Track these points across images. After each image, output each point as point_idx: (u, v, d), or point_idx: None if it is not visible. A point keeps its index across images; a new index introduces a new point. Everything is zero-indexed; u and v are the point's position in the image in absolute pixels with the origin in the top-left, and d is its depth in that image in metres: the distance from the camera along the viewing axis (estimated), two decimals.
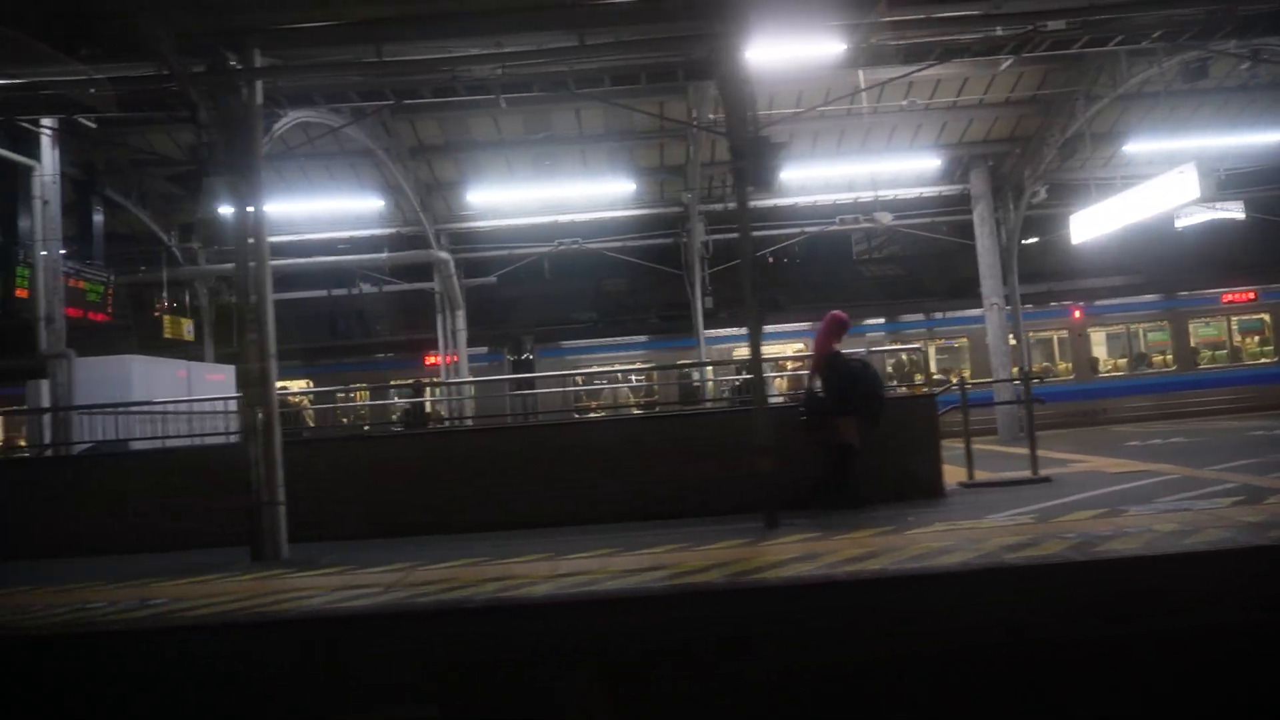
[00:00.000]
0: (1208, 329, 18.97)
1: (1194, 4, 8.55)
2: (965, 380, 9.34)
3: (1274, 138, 15.24)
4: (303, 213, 15.67)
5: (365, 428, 18.09)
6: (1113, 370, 19.15)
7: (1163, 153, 15.34)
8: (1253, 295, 18.75)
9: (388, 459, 9.26)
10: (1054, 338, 19.21)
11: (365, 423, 18.74)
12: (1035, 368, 18.04)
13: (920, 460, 8.69)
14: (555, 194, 15.35)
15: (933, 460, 8.73)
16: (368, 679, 4.43)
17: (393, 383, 17.45)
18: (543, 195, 15.44)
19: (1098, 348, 19.26)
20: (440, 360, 17.59)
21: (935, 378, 17.18)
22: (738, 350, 18.88)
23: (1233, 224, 17.29)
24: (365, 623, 5.35)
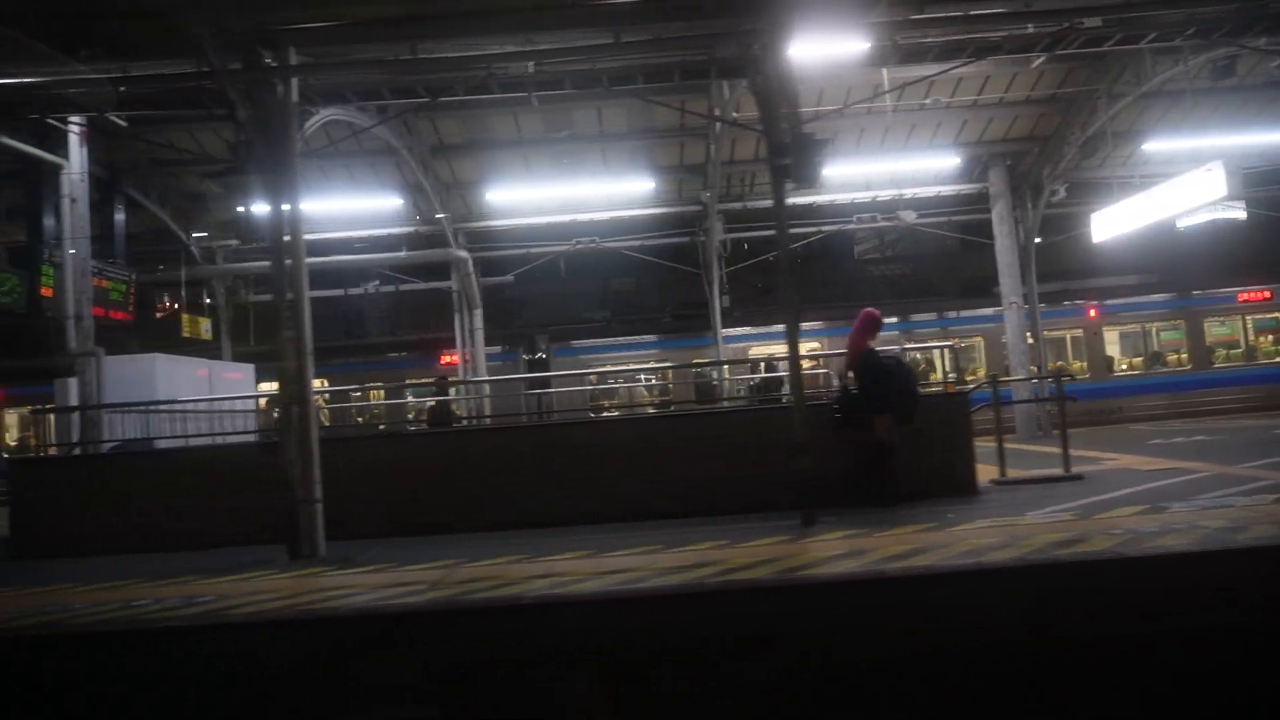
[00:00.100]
0: (1223, 328, 18.97)
1: (1226, 1, 8.54)
2: (996, 379, 9.30)
3: None
4: (321, 211, 15.66)
5: (380, 427, 18.07)
6: (1128, 369, 19.16)
7: (1181, 151, 15.35)
8: (1268, 294, 18.74)
9: (408, 458, 9.25)
10: (1067, 337, 19.19)
11: (380, 422, 18.71)
12: (1050, 366, 18.02)
13: (954, 457, 8.68)
14: (574, 193, 15.37)
15: (966, 458, 8.73)
16: (434, 673, 4.43)
17: (412, 381, 17.42)
18: (561, 194, 15.45)
19: (1113, 346, 19.26)
20: (458, 359, 17.58)
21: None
22: (753, 349, 18.89)
23: (1249, 223, 17.24)
24: (420, 619, 5.35)
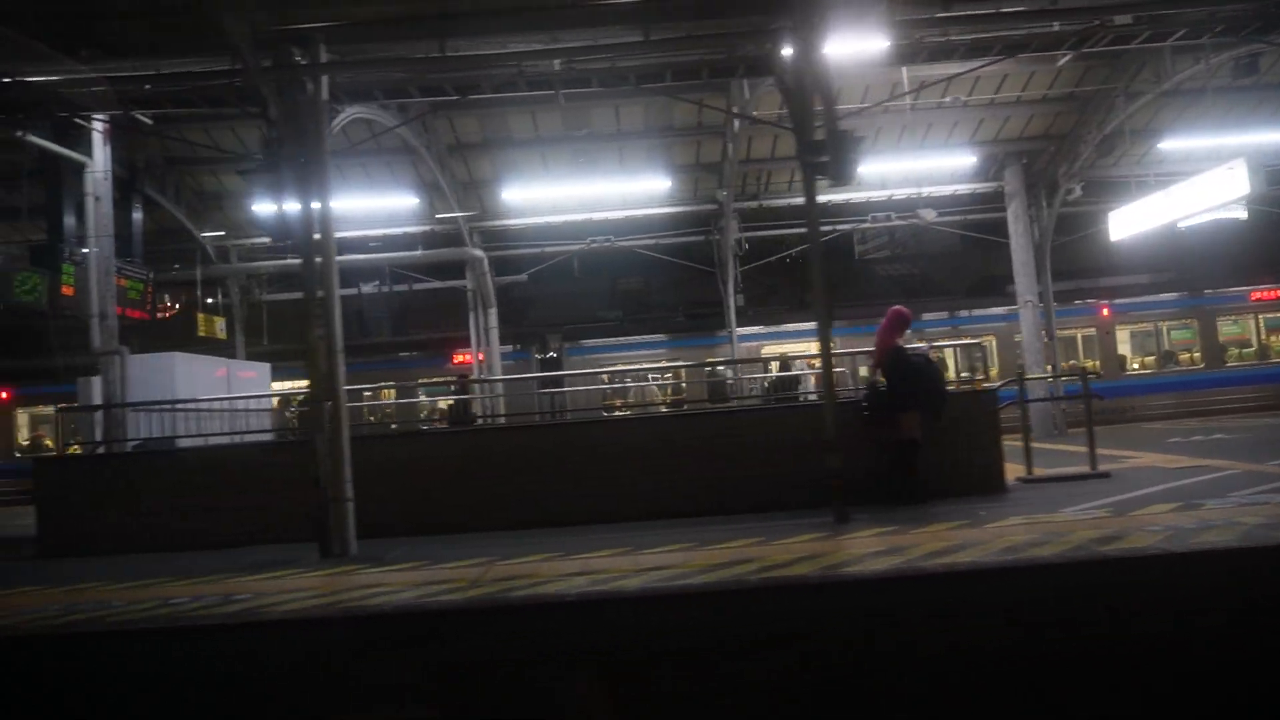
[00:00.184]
0: (1235, 327, 18.96)
1: None
2: (1023, 376, 9.30)
3: None
4: (337, 210, 15.65)
5: (393, 426, 18.05)
6: (1140, 368, 19.14)
7: (1196, 150, 15.34)
8: None
9: (427, 457, 9.24)
10: (1078, 336, 19.16)
11: (392, 421, 18.69)
12: (1064, 366, 18.00)
13: (981, 455, 8.68)
14: (590, 191, 15.34)
15: (994, 455, 8.72)
16: (484, 668, 4.42)
17: (432, 380, 17.41)
18: (578, 193, 15.43)
19: (1125, 345, 19.25)
20: (472, 359, 17.57)
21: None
22: (765, 348, 18.87)
23: (1262, 222, 17.26)
24: (463, 617, 5.34)
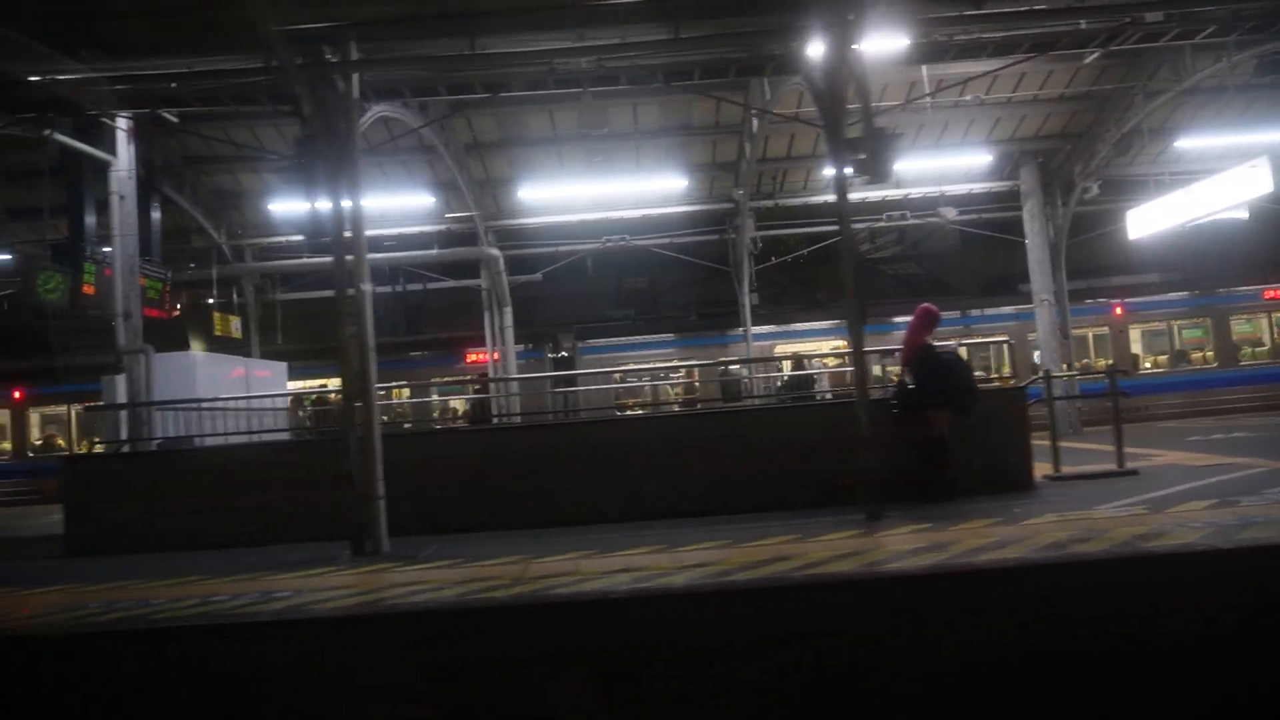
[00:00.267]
0: (1248, 326, 18.97)
1: None
2: (1050, 374, 9.29)
3: None
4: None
5: (406, 425, 18.03)
6: (1153, 367, 19.14)
7: (1212, 149, 15.36)
8: None
9: (443, 456, 9.17)
10: (1090, 335, 19.16)
11: (406, 421, 18.67)
12: (1078, 365, 18.01)
13: (1011, 453, 8.68)
14: (605, 190, 15.33)
15: (1023, 453, 8.72)
16: (543, 663, 4.41)
17: (448, 380, 17.40)
18: (593, 192, 15.42)
19: (1138, 344, 19.25)
20: (485, 358, 17.56)
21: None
22: (778, 346, 18.87)
23: (1276, 221, 17.24)
24: (514, 614, 5.33)
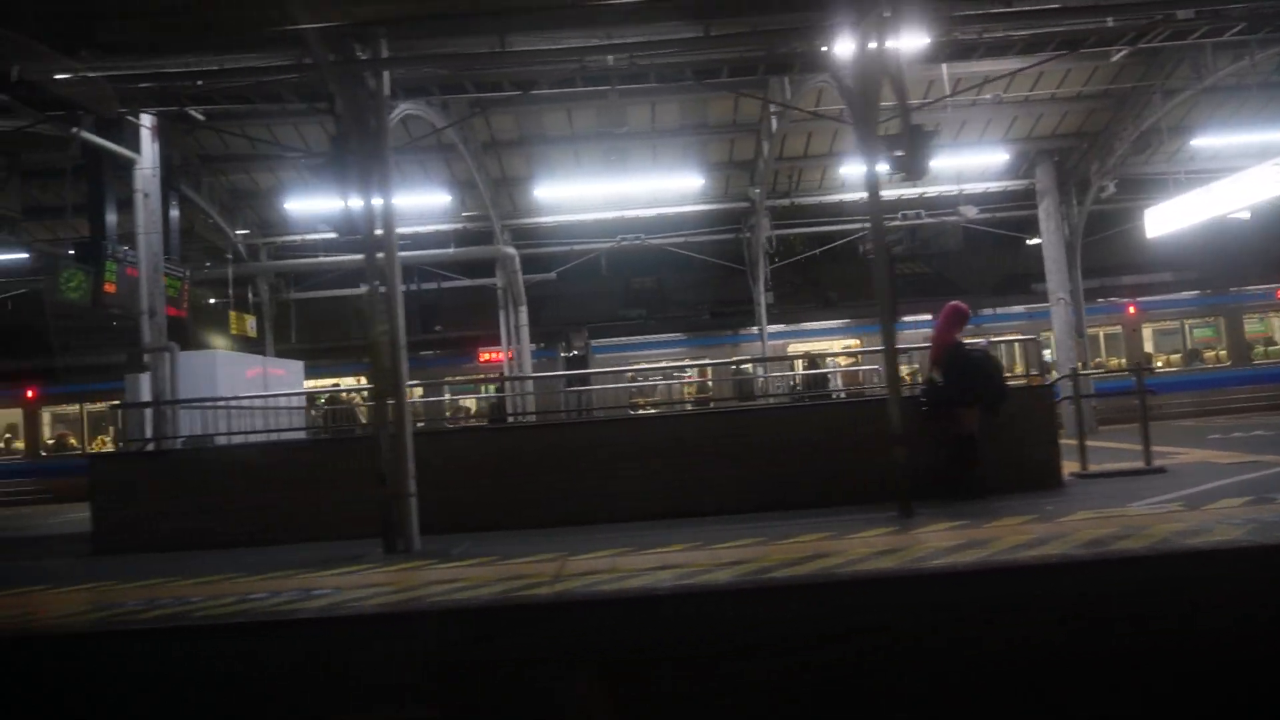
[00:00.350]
0: (1261, 325, 18.95)
1: None
2: (1078, 372, 9.28)
3: None
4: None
5: (420, 424, 18.00)
6: (1166, 365, 19.12)
7: (1227, 147, 15.34)
8: None
9: (459, 455, 9.15)
10: (1101, 334, 19.13)
11: (419, 419, 18.64)
12: (1092, 363, 17.99)
13: (1039, 450, 8.67)
14: (621, 189, 15.31)
15: (1051, 451, 8.72)
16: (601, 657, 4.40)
17: (471, 379, 17.39)
18: (609, 190, 15.40)
19: (1152, 343, 19.23)
20: (498, 357, 17.56)
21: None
22: (791, 345, 18.87)
23: None
24: (560, 610, 5.32)
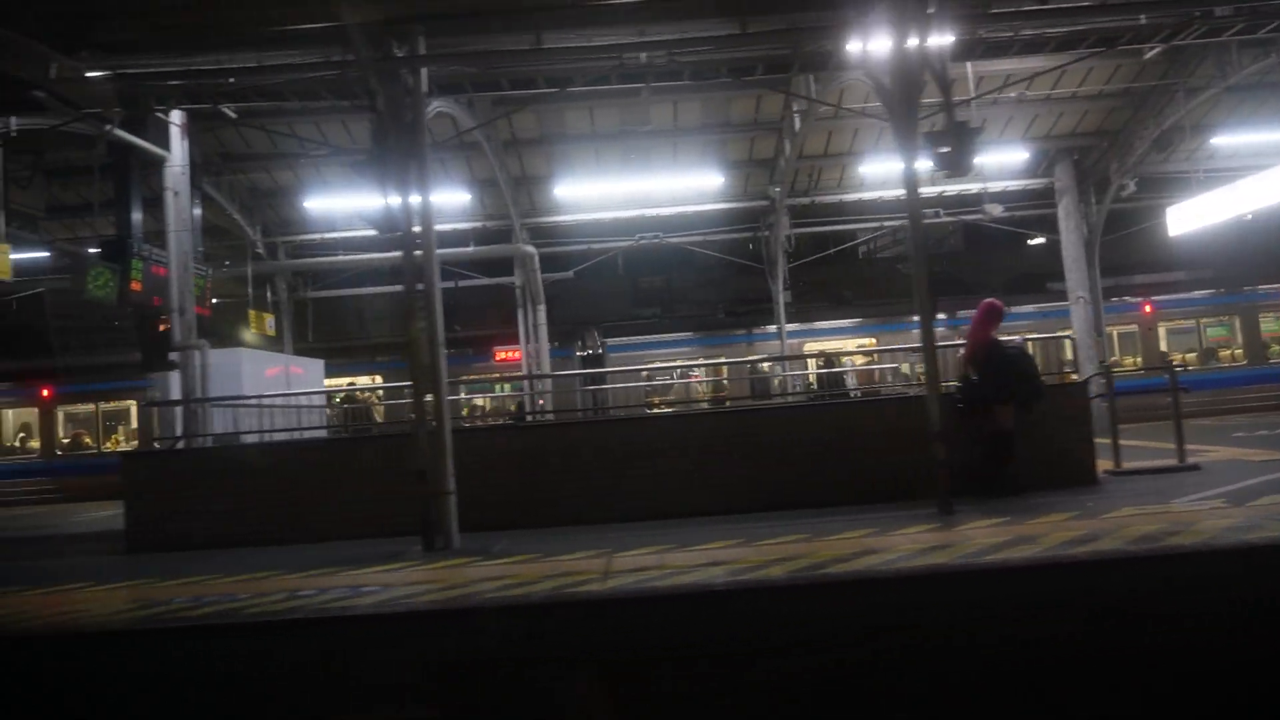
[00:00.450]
0: (1278, 324, 18.93)
1: None
2: (1110, 370, 9.28)
3: None
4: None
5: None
6: (1182, 364, 19.09)
7: (1246, 145, 15.35)
8: None
9: (481, 452, 9.09)
10: (1114, 333, 19.10)
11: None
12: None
13: (1073, 447, 8.67)
14: (641, 187, 15.27)
15: (1086, 448, 8.71)
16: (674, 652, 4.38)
17: (497, 377, 17.39)
18: (629, 189, 15.36)
19: (1168, 342, 19.21)
20: (516, 356, 17.55)
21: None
22: (807, 344, 18.86)
23: None
24: (616, 606, 5.30)
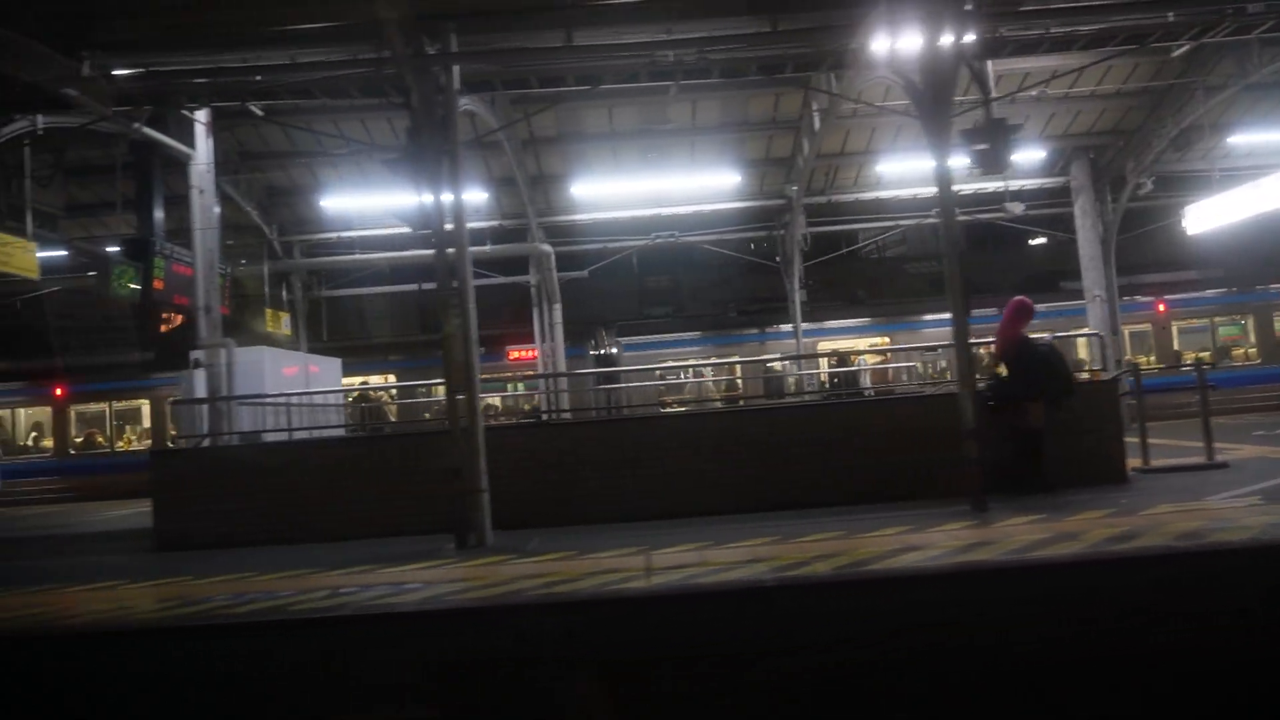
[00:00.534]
0: None
1: None
2: (1138, 367, 9.29)
3: None
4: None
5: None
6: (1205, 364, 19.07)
7: (1267, 144, 15.35)
8: None
9: (516, 451, 9.02)
10: (1126, 332, 19.08)
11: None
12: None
13: (1104, 445, 8.66)
14: (658, 186, 15.24)
15: (1116, 445, 8.71)
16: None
17: (520, 376, 17.40)
18: (646, 188, 15.33)
19: (1181, 340, 19.20)
20: (530, 355, 17.57)
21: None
22: (820, 343, 18.86)
23: None
24: (663, 603, 5.30)
